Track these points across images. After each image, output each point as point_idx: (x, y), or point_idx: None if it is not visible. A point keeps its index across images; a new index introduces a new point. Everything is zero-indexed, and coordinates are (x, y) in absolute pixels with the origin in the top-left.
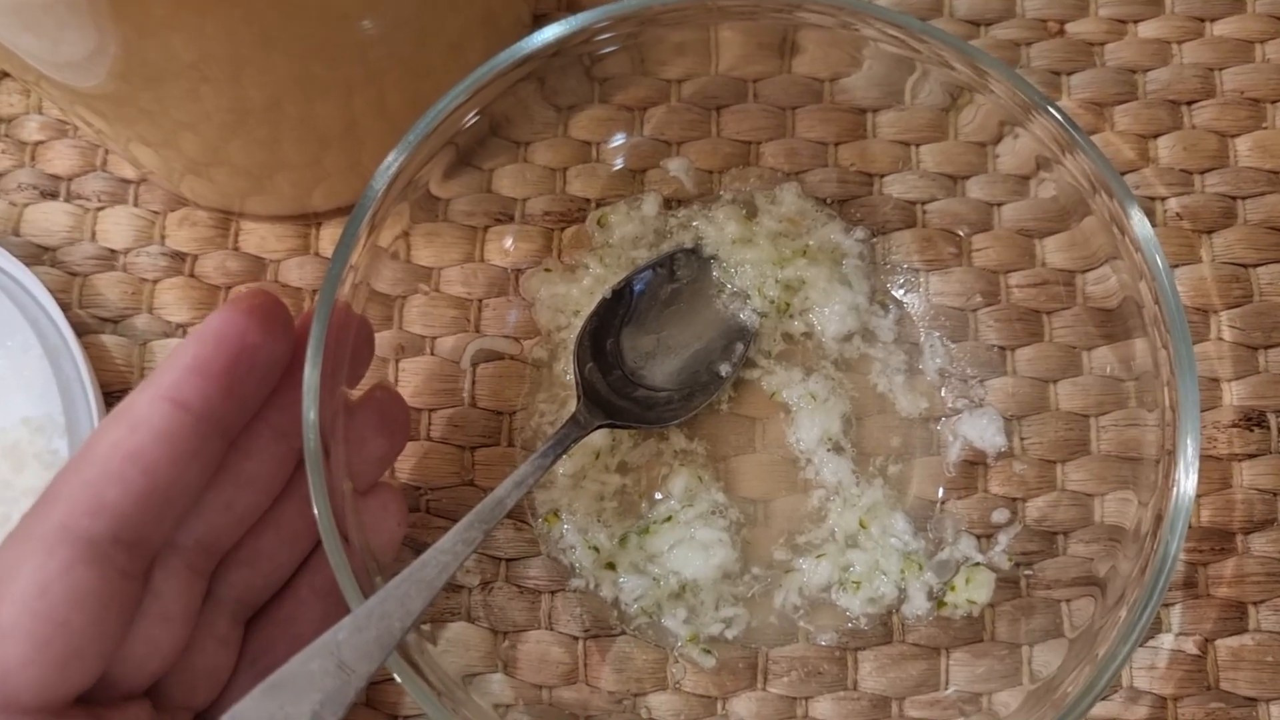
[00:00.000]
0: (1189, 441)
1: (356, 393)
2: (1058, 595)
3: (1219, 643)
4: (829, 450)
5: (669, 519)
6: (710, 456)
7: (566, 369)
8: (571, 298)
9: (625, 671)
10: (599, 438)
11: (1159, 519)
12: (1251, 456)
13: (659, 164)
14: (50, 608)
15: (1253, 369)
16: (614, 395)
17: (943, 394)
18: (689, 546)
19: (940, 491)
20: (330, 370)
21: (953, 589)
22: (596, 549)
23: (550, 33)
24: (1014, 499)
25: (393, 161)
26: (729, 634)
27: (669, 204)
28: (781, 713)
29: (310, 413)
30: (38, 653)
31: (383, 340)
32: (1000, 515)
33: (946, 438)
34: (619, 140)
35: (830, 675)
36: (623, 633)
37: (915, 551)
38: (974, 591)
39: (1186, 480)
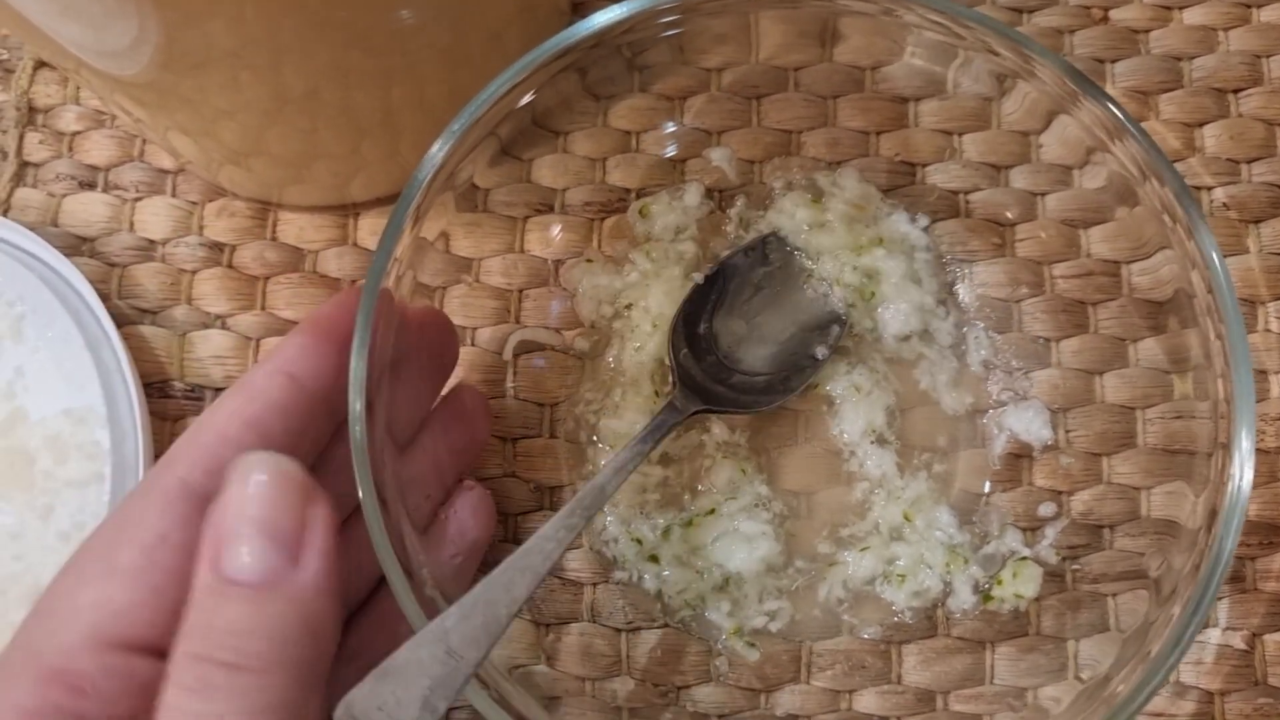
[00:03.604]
0: (1244, 434)
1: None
2: (1105, 590)
3: (1267, 638)
4: (873, 443)
5: (712, 511)
6: (753, 449)
7: (613, 358)
8: (614, 288)
9: (669, 664)
10: (640, 428)
11: (1213, 514)
12: None
13: (700, 154)
14: (167, 556)
15: None
16: (709, 381)
17: (988, 386)
18: (732, 539)
19: (986, 484)
20: (377, 361)
21: (999, 583)
22: (639, 541)
23: (594, 23)
24: (1060, 492)
25: (437, 152)
26: (773, 627)
27: (710, 194)
28: (825, 706)
29: (356, 404)
30: (151, 596)
31: None
32: (1046, 509)
33: (991, 430)
34: (659, 130)
35: (874, 669)
36: (666, 625)
37: (960, 545)
38: (1021, 585)
39: (1242, 475)
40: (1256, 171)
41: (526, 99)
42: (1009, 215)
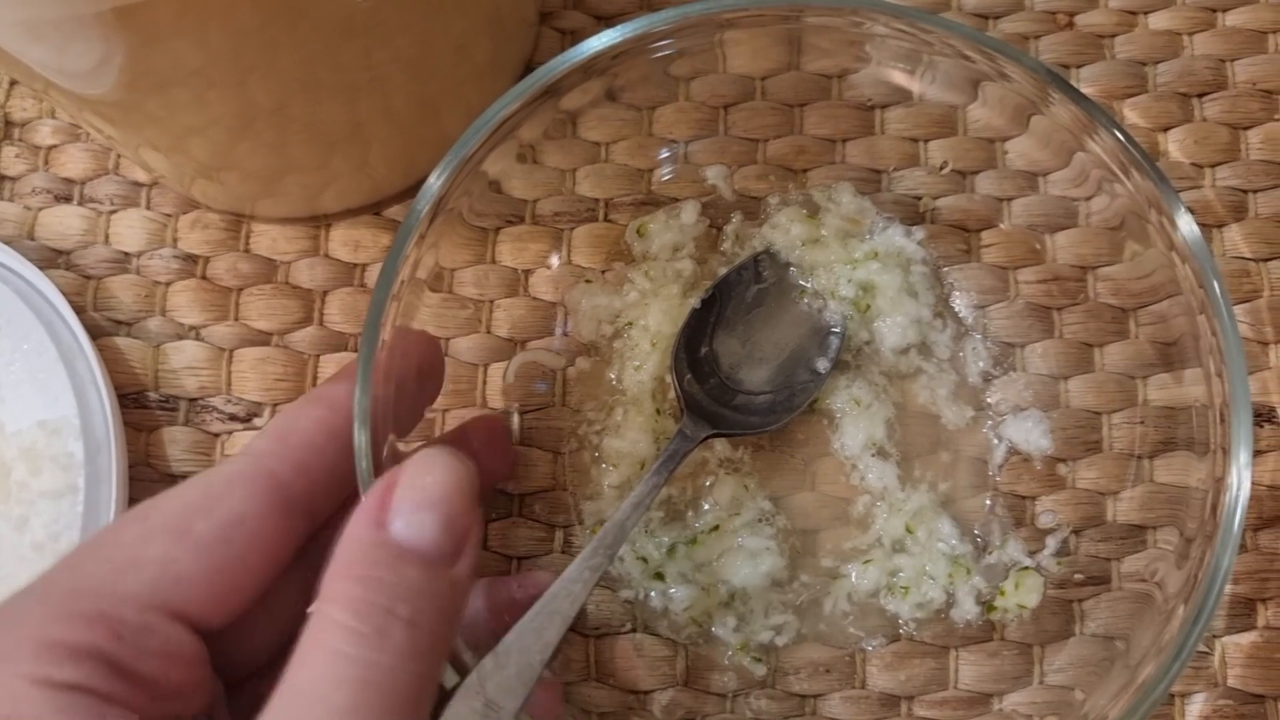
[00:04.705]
0: (1242, 443)
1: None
2: (1069, 595)
3: (1227, 639)
4: (874, 456)
5: (716, 528)
6: (755, 464)
7: (614, 377)
8: (613, 308)
9: (635, 669)
10: (644, 448)
11: (1208, 533)
12: (1260, 453)
13: (696, 172)
14: (241, 538)
15: (1263, 364)
16: (715, 404)
17: (987, 397)
18: (737, 555)
19: (987, 495)
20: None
21: (1002, 594)
22: (645, 560)
23: (583, 50)
24: (1061, 502)
25: (433, 183)
26: (779, 641)
27: (706, 211)
28: (791, 711)
29: (361, 438)
30: (214, 573)
31: None
32: (1047, 518)
33: (991, 441)
34: (629, 141)
35: (839, 673)
36: (632, 630)
37: (963, 556)
38: (1024, 596)
39: (1240, 486)
40: (1220, 175)
41: (506, 127)
42: (984, 217)
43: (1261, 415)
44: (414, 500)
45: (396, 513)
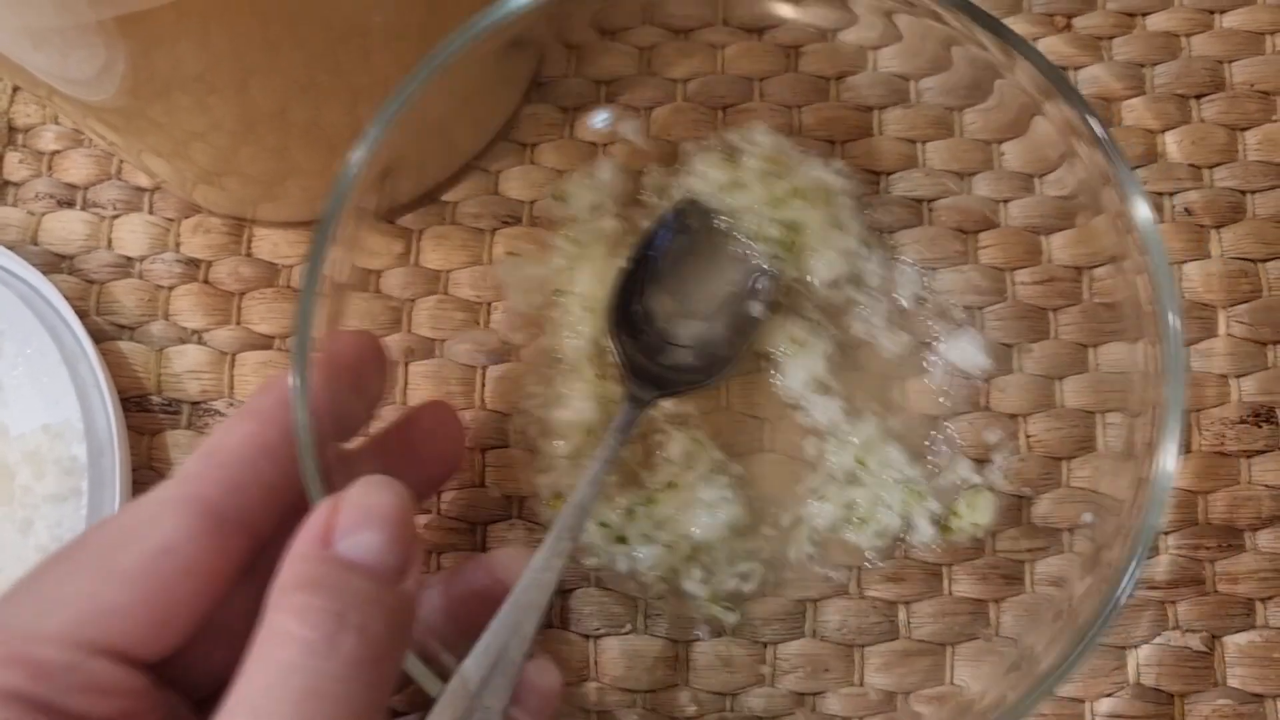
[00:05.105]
0: (1171, 416)
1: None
2: (1061, 595)
3: (1226, 639)
4: (817, 393)
5: (671, 485)
6: (702, 416)
7: (550, 348)
8: (542, 277)
9: (635, 668)
10: (591, 414)
11: (1142, 483)
12: (1259, 453)
13: (614, 129)
14: (168, 567)
15: (1261, 365)
16: (656, 364)
17: (921, 320)
18: (695, 508)
19: (931, 418)
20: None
21: (956, 514)
22: (606, 525)
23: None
24: (1005, 416)
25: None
26: (745, 588)
27: (628, 169)
28: (790, 708)
29: (309, 463)
30: (141, 605)
31: (392, 344)
32: (992, 435)
33: (930, 363)
34: (625, 139)
35: (837, 671)
36: (632, 631)
37: (914, 481)
38: (977, 514)
39: (1165, 457)
40: (1219, 176)
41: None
42: (981, 218)
43: (1260, 415)
44: (358, 521)
45: (343, 533)
